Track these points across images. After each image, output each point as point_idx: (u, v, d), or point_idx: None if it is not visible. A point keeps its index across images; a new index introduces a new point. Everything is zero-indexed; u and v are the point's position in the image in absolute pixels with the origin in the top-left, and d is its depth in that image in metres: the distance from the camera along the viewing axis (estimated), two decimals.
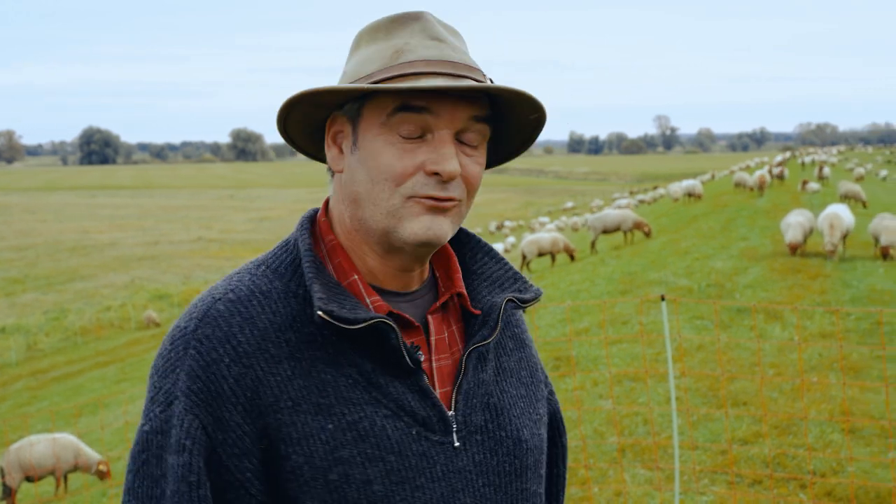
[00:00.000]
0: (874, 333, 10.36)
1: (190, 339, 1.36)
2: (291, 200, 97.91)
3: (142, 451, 1.35)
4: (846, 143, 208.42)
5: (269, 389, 1.34)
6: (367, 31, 1.45)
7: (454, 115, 1.37)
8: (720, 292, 13.86)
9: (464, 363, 1.46)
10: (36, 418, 17.72)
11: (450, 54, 1.40)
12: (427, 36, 1.41)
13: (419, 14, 1.44)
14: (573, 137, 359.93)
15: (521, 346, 1.64)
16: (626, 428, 7.88)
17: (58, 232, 67.38)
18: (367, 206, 1.40)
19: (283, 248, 1.49)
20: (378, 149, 1.37)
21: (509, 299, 1.52)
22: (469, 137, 1.41)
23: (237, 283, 1.42)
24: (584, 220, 50.00)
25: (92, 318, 37.12)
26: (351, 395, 1.36)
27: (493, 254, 1.61)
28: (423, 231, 1.38)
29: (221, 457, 1.32)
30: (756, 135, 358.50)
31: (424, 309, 1.49)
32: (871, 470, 6.55)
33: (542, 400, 1.64)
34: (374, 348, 1.39)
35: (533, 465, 1.53)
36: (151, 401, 1.37)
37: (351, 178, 1.42)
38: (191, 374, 1.33)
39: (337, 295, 1.38)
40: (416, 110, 1.35)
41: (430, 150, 1.37)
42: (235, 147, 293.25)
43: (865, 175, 52.33)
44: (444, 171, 1.36)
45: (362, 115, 1.40)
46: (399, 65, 1.38)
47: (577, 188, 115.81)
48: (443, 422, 1.41)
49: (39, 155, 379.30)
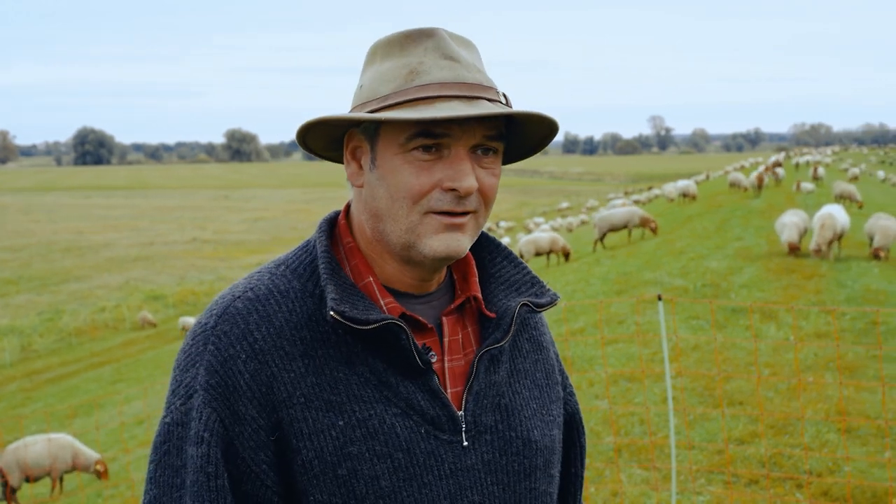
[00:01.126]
0: (869, 333, 10.38)
1: (209, 336, 1.41)
2: (286, 201, 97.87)
3: (163, 442, 1.40)
4: (840, 144, 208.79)
5: (282, 385, 1.39)
6: (381, 46, 1.48)
7: (470, 134, 1.41)
8: (715, 292, 13.89)
9: (475, 365, 1.49)
10: (30, 419, 17.66)
11: (464, 75, 1.43)
12: (441, 55, 1.43)
13: (433, 31, 1.46)
14: (568, 138, 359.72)
15: (539, 349, 1.67)
16: (622, 428, 7.89)
17: (52, 232, 67.30)
18: (387, 222, 1.44)
19: (304, 249, 1.54)
20: (396, 167, 1.41)
21: (524, 303, 1.55)
22: (484, 151, 1.44)
23: (257, 281, 1.48)
24: (579, 219, 50.11)
25: (86, 319, 37.07)
26: (362, 393, 1.41)
27: (512, 257, 1.64)
28: (441, 248, 1.42)
29: (238, 449, 1.37)
30: (750, 135, 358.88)
31: (440, 310, 1.53)
32: (867, 470, 6.56)
33: (558, 401, 1.67)
34: (385, 348, 1.43)
35: (543, 465, 1.55)
36: (173, 393, 1.43)
37: (371, 195, 1.46)
38: (209, 369, 1.39)
39: (351, 296, 1.43)
40: (434, 136, 1.39)
41: (446, 167, 1.40)
42: (230, 147, 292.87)
43: (860, 175, 52.45)
44: (462, 187, 1.40)
45: (380, 135, 1.44)
46: (414, 87, 1.40)
47: (571, 188, 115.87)
48: (452, 421, 1.45)
49: (33, 155, 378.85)
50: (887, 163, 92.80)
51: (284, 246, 57.05)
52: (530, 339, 1.65)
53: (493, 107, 1.40)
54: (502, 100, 1.45)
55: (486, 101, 1.41)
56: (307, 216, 74.11)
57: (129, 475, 10.75)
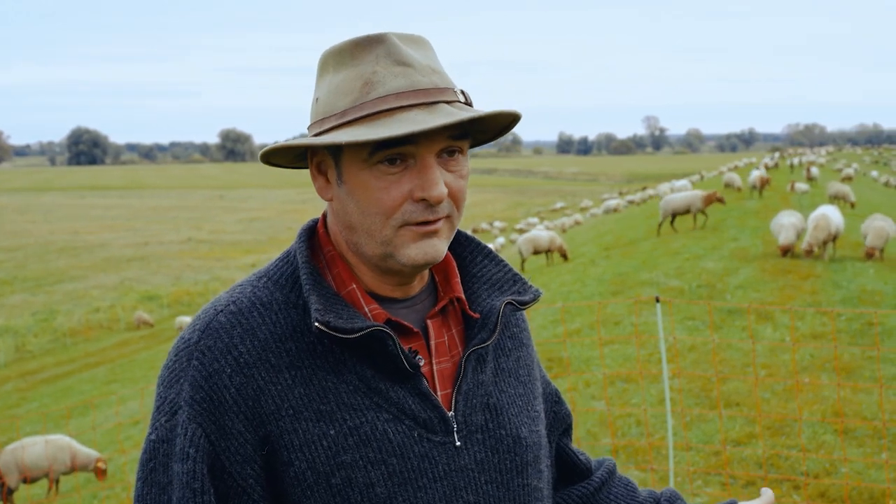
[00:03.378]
0: (865, 334, 10.40)
1: (193, 351, 1.40)
2: (281, 201, 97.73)
3: (149, 460, 1.40)
4: (835, 144, 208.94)
5: (270, 398, 1.38)
6: (332, 55, 1.46)
7: (433, 141, 1.40)
8: (711, 293, 13.90)
9: (463, 365, 1.50)
10: (25, 420, 17.63)
11: (419, 80, 1.41)
12: (393, 61, 1.42)
13: (382, 37, 1.44)
14: (562, 138, 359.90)
15: (520, 346, 1.68)
16: (619, 429, 7.90)
17: (47, 233, 67.17)
18: (361, 235, 1.44)
19: (284, 259, 1.53)
20: (364, 182, 1.41)
21: (508, 302, 1.56)
22: (449, 153, 1.43)
23: (239, 294, 1.47)
24: (573, 219, 50.09)
25: (81, 320, 37.03)
26: (352, 401, 1.41)
27: (493, 256, 1.65)
28: (419, 255, 1.42)
29: (224, 464, 1.37)
30: (745, 135, 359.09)
31: (424, 314, 1.53)
32: (864, 471, 6.57)
33: (540, 397, 1.69)
34: (373, 355, 1.43)
35: (532, 461, 1.57)
36: (157, 410, 1.42)
37: (342, 209, 1.46)
38: (194, 385, 1.38)
39: (334, 305, 1.42)
40: (397, 146, 1.38)
41: (414, 177, 1.40)
42: (224, 147, 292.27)
43: (855, 175, 52.54)
44: (432, 196, 1.39)
45: (343, 152, 1.43)
46: (371, 101, 1.39)
47: (566, 189, 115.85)
48: (444, 423, 1.46)
49: (27, 155, 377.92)
50: (881, 163, 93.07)
51: (280, 246, 56.95)
52: (512, 336, 1.66)
53: (453, 111, 1.39)
54: (461, 98, 1.44)
55: (446, 105, 1.40)
56: (302, 216, 73.79)
57: (124, 476, 10.74)
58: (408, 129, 1.33)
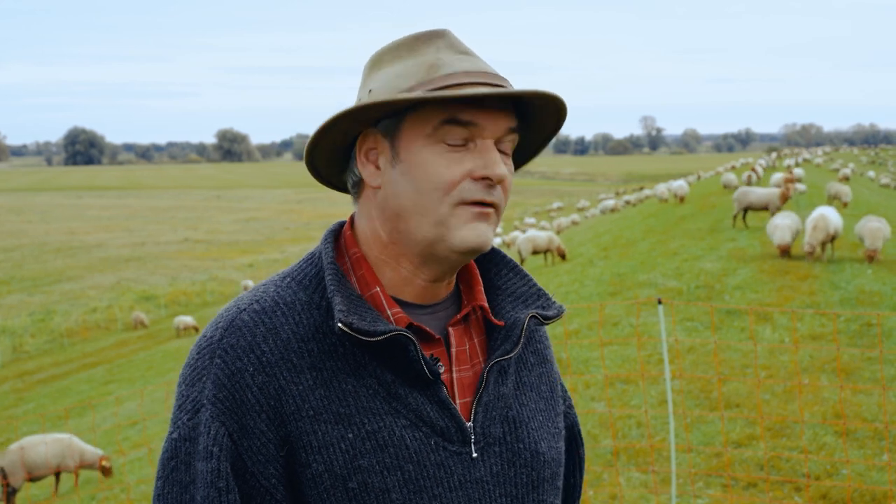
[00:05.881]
0: (864, 335, 10.40)
1: (216, 349, 1.39)
2: (278, 201, 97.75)
3: (171, 458, 1.38)
4: (831, 144, 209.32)
5: (291, 398, 1.37)
6: (387, 51, 1.46)
7: (496, 125, 1.40)
8: (709, 294, 13.90)
9: (485, 376, 1.48)
10: (23, 420, 17.62)
11: (485, 65, 1.43)
12: (455, 51, 1.43)
13: (443, 31, 1.46)
14: (559, 138, 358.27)
15: (543, 362, 1.66)
16: (619, 430, 7.89)
17: (44, 233, 67.16)
18: (412, 218, 1.42)
19: (309, 260, 1.52)
20: (425, 159, 1.39)
21: (532, 315, 1.54)
22: (504, 146, 1.44)
23: (262, 294, 1.45)
24: (570, 219, 50.13)
25: (78, 320, 37.03)
26: (371, 405, 1.39)
27: (518, 269, 1.63)
28: (472, 237, 1.40)
29: (247, 463, 1.36)
30: (741, 135, 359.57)
31: (445, 321, 1.51)
32: (865, 472, 6.58)
33: (561, 414, 1.67)
34: (394, 360, 1.41)
35: (550, 477, 1.55)
36: (179, 408, 1.40)
37: (393, 192, 1.43)
38: (216, 383, 1.37)
39: (358, 307, 1.41)
40: (463, 124, 1.38)
41: (475, 157, 1.40)
42: (221, 147, 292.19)
43: (851, 175, 52.63)
44: (494, 174, 1.39)
45: (402, 129, 1.41)
46: (440, 77, 1.39)
47: (563, 189, 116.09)
48: (461, 432, 1.44)
49: (24, 155, 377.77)
50: (877, 163, 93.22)
51: (277, 246, 56.99)
52: (535, 352, 1.64)
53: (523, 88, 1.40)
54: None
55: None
56: (299, 216, 73.80)
57: (123, 477, 10.73)
58: (487, 91, 1.34)
